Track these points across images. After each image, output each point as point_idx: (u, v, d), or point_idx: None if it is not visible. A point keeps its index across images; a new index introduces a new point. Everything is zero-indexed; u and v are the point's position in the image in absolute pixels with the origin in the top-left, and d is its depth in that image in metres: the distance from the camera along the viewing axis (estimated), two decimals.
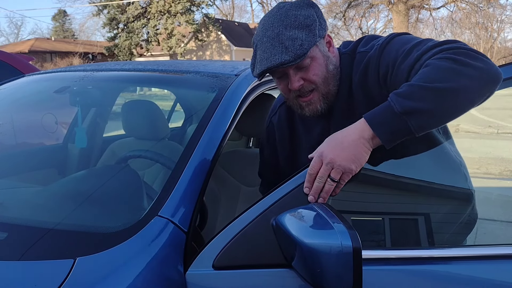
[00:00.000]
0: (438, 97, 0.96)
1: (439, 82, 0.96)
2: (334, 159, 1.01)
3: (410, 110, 0.96)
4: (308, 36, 1.14)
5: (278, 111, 1.46)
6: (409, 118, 0.97)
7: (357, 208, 1.30)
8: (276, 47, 1.14)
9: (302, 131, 1.37)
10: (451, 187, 1.42)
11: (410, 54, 1.10)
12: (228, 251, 1.04)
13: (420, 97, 0.96)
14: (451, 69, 0.97)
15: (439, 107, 0.97)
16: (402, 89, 1.00)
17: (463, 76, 0.97)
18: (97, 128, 2.22)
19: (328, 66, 1.22)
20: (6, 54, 4.39)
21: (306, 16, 1.16)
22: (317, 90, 1.21)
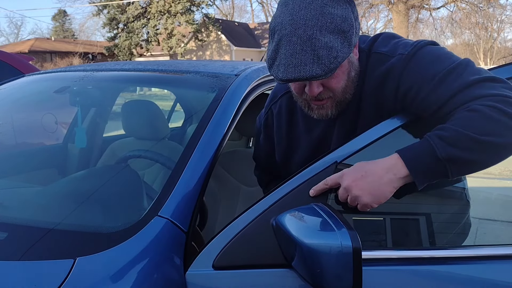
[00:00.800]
0: (485, 150, 0.94)
1: (488, 135, 0.93)
2: (352, 187, 0.98)
3: (454, 158, 0.94)
4: (343, 45, 1.02)
5: (279, 101, 1.37)
6: (450, 165, 0.95)
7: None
8: (307, 54, 1.00)
9: (302, 129, 1.31)
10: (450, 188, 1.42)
11: (445, 82, 1.02)
12: (228, 251, 1.04)
13: (466, 147, 0.94)
14: (501, 122, 0.94)
15: (484, 160, 0.96)
16: (446, 132, 0.96)
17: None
18: (97, 128, 2.22)
19: (350, 73, 1.12)
20: (6, 54, 4.39)
21: (344, 19, 1.03)
22: (333, 98, 1.13)
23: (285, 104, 1.35)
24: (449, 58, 1.08)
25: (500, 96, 0.97)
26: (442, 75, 1.04)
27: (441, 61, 1.07)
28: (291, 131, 1.35)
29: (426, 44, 1.12)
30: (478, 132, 0.94)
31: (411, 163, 0.97)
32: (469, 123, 0.95)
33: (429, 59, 1.08)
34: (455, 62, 1.06)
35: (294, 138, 1.35)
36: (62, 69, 2.07)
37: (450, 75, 1.03)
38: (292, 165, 1.33)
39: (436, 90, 1.03)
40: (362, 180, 0.98)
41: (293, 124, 1.34)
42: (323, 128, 1.26)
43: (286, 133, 1.36)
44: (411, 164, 0.97)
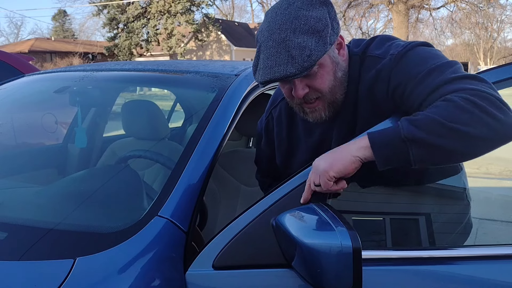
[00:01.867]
0: (451, 138, 0.92)
1: (458, 123, 0.92)
2: (318, 164, 1.02)
3: (416, 139, 0.93)
4: (318, 44, 1.05)
5: (279, 105, 1.39)
6: (412, 146, 0.93)
7: (357, 208, 1.30)
8: (281, 55, 1.04)
9: (302, 132, 1.32)
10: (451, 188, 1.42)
11: (428, 79, 1.03)
12: (228, 251, 1.04)
13: (432, 130, 0.92)
14: (472, 114, 0.92)
15: (449, 148, 0.93)
16: (416, 116, 0.96)
17: (484, 125, 0.92)
18: (97, 128, 2.22)
19: (336, 73, 1.13)
20: (6, 54, 4.39)
21: (318, 19, 1.06)
22: (322, 99, 1.14)
23: (284, 108, 1.36)
24: (436, 58, 1.08)
25: (477, 90, 0.96)
26: (425, 72, 1.05)
27: (428, 61, 1.07)
28: (291, 134, 1.36)
29: (417, 45, 1.13)
30: (446, 118, 0.93)
31: (373, 137, 0.98)
32: (439, 110, 0.95)
33: (418, 59, 1.09)
34: (441, 61, 1.07)
35: (294, 141, 1.36)
36: (62, 69, 2.07)
37: (434, 72, 1.04)
38: (292, 167, 1.33)
39: (419, 86, 1.04)
40: (328, 157, 1.02)
41: (293, 128, 1.36)
42: (322, 131, 1.26)
43: (286, 136, 1.37)
44: (374, 138, 0.98)
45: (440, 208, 1.42)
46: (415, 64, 1.08)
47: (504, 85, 1.18)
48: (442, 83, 1.01)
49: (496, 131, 0.93)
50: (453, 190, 1.43)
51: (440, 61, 1.07)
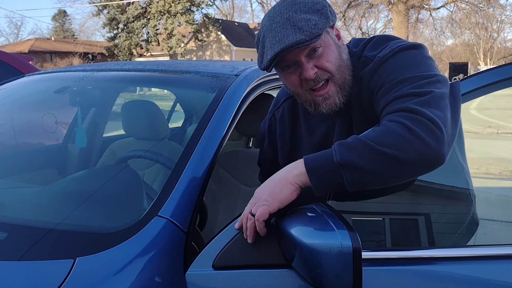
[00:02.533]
0: (380, 161, 0.93)
1: (387, 147, 0.93)
2: (256, 194, 1.02)
3: (349, 164, 0.94)
4: (321, 18, 1.08)
5: (281, 106, 1.39)
6: (345, 171, 0.94)
7: (357, 208, 1.30)
8: (288, 29, 1.06)
9: (305, 133, 1.32)
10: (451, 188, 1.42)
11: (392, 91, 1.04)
12: (228, 251, 1.04)
13: (362, 154, 0.93)
14: (404, 138, 0.93)
15: (378, 170, 0.94)
16: (349, 140, 0.97)
17: (413, 150, 0.92)
18: (97, 128, 2.22)
19: (341, 54, 1.15)
20: (6, 54, 4.39)
21: (315, 2, 1.11)
22: (333, 80, 1.13)
23: (287, 109, 1.37)
24: (417, 66, 1.07)
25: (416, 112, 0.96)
26: (396, 81, 1.05)
27: (406, 69, 1.07)
28: (294, 134, 1.36)
29: (406, 48, 1.12)
30: (377, 142, 0.93)
31: (308, 163, 0.98)
32: (373, 134, 0.96)
33: (398, 65, 1.09)
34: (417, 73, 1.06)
35: (297, 141, 1.36)
36: (62, 69, 2.07)
37: (401, 83, 1.04)
38: None
39: (384, 95, 1.06)
40: (265, 186, 1.02)
41: (295, 128, 1.36)
42: (324, 130, 1.26)
43: (289, 137, 1.37)
44: (309, 164, 0.98)
45: (442, 208, 1.42)
46: (394, 69, 1.08)
47: (504, 85, 1.18)
48: (393, 99, 1.02)
49: (423, 155, 0.93)
50: (455, 190, 1.43)
51: (415, 71, 1.06)
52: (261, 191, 1.02)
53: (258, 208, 0.99)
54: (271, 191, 1.00)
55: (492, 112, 10.12)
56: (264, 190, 1.01)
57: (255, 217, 0.99)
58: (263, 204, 0.99)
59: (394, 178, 0.97)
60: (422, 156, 0.93)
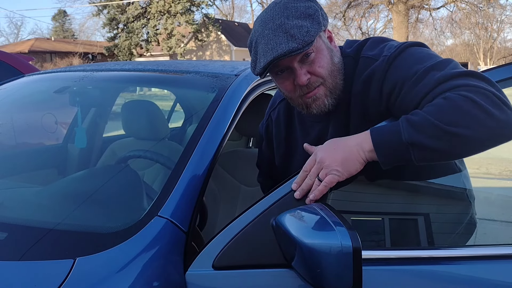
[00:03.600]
0: (449, 140, 0.93)
1: (455, 125, 0.92)
2: (325, 158, 1.01)
3: (417, 143, 0.94)
4: (312, 24, 1.08)
5: (277, 108, 1.40)
6: (414, 150, 0.95)
7: (357, 208, 1.30)
8: (280, 37, 1.06)
9: (299, 134, 1.33)
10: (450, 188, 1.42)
11: (425, 78, 1.03)
12: (228, 251, 1.04)
13: (431, 134, 0.93)
14: (471, 114, 0.92)
15: (448, 149, 0.95)
16: (416, 117, 0.96)
17: (481, 125, 0.92)
18: (97, 128, 2.22)
19: (333, 59, 1.15)
20: (6, 54, 4.39)
21: (307, 7, 1.10)
22: (324, 85, 1.14)
23: (283, 110, 1.38)
24: (431, 58, 1.08)
25: (478, 87, 0.96)
26: (423, 71, 1.04)
27: (423, 60, 1.07)
28: (289, 135, 1.37)
29: (410, 45, 1.13)
30: (445, 121, 0.93)
31: (377, 140, 0.99)
32: (439, 111, 0.95)
33: (412, 59, 1.09)
34: (437, 60, 1.07)
35: (292, 142, 1.37)
36: (62, 69, 2.07)
37: (432, 70, 1.04)
38: (291, 168, 1.34)
39: (418, 84, 1.04)
40: (334, 152, 1.02)
41: (291, 129, 1.37)
42: (318, 131, 1.27)
43: (284, 137, 1.38)
44: (377, 141, 0.99)
45: (440, 208, 1.42)
46: (411, 64, 1.08)
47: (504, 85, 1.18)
48: (442, 80, 1.00)
49: (493, 130, 0.93)
50: (453, 190, 1.43)
51: (436, 59, 1.07)
52: (331, 158, 1.01)
53: (327, 175, 1.00)
54: (342, 160, 1.00)
55: None
56: (335, 158, 1.01)
57: (324, 183, 1.00)
58: (334, 173, 1.00)
59: (464, 153, 0.98)
60: (491, 132, 0.93)
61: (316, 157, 1.04)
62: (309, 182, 1.03)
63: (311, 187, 1.03)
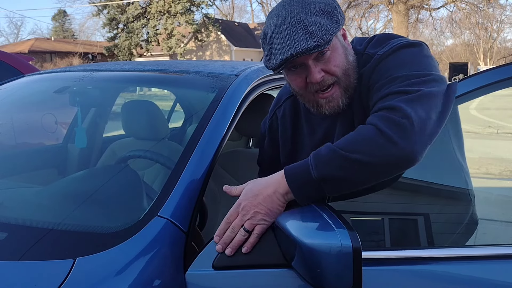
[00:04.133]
0: (353, 168, 0.96)
1: (357, 153, 0.95)
2: (249, 210, 1.03)
3: (325, 177, 0.98)
4: (331, 22, 1.07)
5: (283, 105, 1.39)
6: (324, 184, 0.98)
7: (357, 208, 1.30)
8: (298, 33, 1.05)
9: (306, 131, 1.33)
10: (450, 188, 1.42)
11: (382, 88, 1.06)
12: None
13: (336, 164, 0.97)
14: (374, 142, 0.96)
15: (353, 177, 0.97)
16: (324, 152, 1.00)
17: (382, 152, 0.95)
18: (97, 128, 2.22)
19: (348, 57, 1.15)
20: (6, 54, 4.39)
21: (326, 3, 1.09)
22: (338, 84, 1.14)
23: (289, 108, 1.37)
24: (413, 65, 1.08)
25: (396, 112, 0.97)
26: (389, 79, 1.07)
27: (402, 67, 1.08)
28: (295, 133, 1.36)
29: (406, 45, 1.12)
30: (349, 151, 0.96)
31: (291, 182, 1.02)
32: (345, 141, 0.99)
33: (395, 63, 1.10)
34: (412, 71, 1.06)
35: (298, 140, 1.36)
36: (62, 69, 2.07)
37: (394, 81, 1.05)
38: None
39: (377, 92, 1.07)
40: (257, 202, 1.03)
41: (297, 127, 1.36)
42: (325, 129, 1.27)
43: (291, 135, 1.37)
44: (291, 183, 1.02)
45: (441, 208, 1.41)
46: (387, 69, 1.10)
47: (504, 85, 1.18)
48: (382, 96, 1.04)
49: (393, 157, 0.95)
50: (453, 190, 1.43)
51: (411, 70, 1.06)
52: (255, 208, 1.03)
53: (254, 225, 1.02)
54: (267, 210, 1.03)
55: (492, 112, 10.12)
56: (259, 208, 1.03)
57: (255, 235, 1.02)
58: (263, 223, 1.02)
59: (372, 180, 1.00)
60: (392, 158, 0.95)
61: (239, 208, 1.05)
62: (231, 234, 1.04)
63: (232, 239, 1.03)
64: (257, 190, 1.05)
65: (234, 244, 1.03)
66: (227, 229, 1.04)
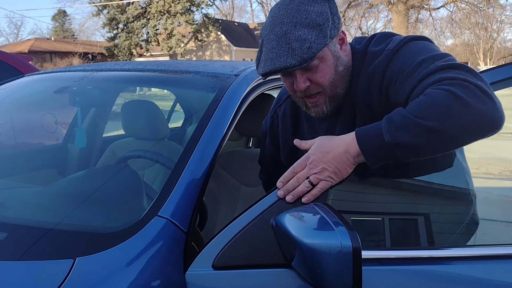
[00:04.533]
0: (429, 136, 0.94)
1: (434, 120, 0.93)
2: (318, 165, 1.02)
3: (399, 142, 0.95)
4: (318, 37, 1.08)
5: (284, 103, 1.41)
6: (397, 149, 0.96)
7: (357, 208, 1.30)
8: (282, 48, 1.08)
9: (307, 130, 1.34)
10: (450, 188, 1.42)
11: (416, 71, 1.04)
12: (228, 251, 1.03)
13: (411, 131, 0.94)
14: (450, 108, 0.92)
15: (429, 145, 0.95)
16: (396, 117, 0.97)
17: (461, 119, 0.92)
18: (97, 128, 2.22)
19: (337, 68, 1.15)
20: (6, 54, 4.39)
21: (319, 13, 1.09)
22: (324, 93, 1.16)
23: (289, 106, 1.38)
24: (429, 51, 1.09)
25: (461, 80, 0.96)
26: (414, 65, 1.06)
27: (420, 54, 1.08)
28: (296, 132, 1.37)
29: (412, 39, 1.14)
30: (424, 117, 0.94)
31: (362, 144, 1.00)
32: (418, 107, 0.96)
33: (410, 53, 1.10)
34: (431, 53, 1.07)
35: (299, 138, 1.36)
36: (62, 69, 2.07)
37: (423, 63, 1.05)
38: None
39: (408, 79, 1.05)
40: (326, 158, 1.02)
41: (298, 125, 1.37)
42: (326, 128, 1.27)
43: (291, 134, 1.38)
44: (363, 145, 1.00)
45: (441, 208, 1.42)
46: (408, 58, 1.09)
47: (504, 85, 1.18)
48: (426, 75, 1.02)
49: (473, 123, 0.93)
50: (454, 190, 1.43)
51: (431, 53, 1.07)
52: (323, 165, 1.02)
53: (319, 180, 1.02)
54: (335, 169, 1.02)
55: None
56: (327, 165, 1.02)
57: (318, 188, 1.02)
58: (329, 180, 1.02)
59: (446, 148, 0.99)
60: (472, 125, 0.93)
61: (307, 161, 1.04)
62: (295, 184, 1.04)
63: (296, 188, 1.04)
64: (328, 147, 1.03)
65: (296, 193, 1.03)
66: (292, 178, 1.04)
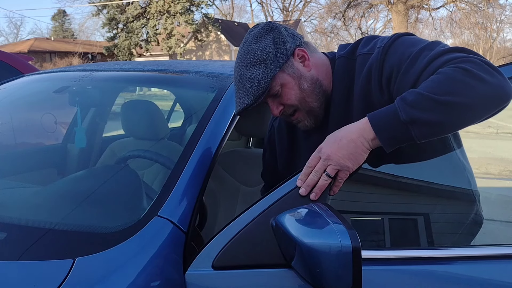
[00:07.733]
0: (445, 110, 0.94)
1: (449, 95, 0.94)
2: (331, 155, 1.01)
3: (415, 120, 0.95)
4: (264, 71, 1.14)
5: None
6: (413, 127, 0.95)
7: (357, 208, 1.30)
8: (240, 90, 1.17)
9: (302, 137, 1.35)
10: (451, 188, 1.42)
11: (419, 58, 1.06)
12: (227, 251, 1.04)
13: (427, 107, 0.94)
14: (463, 82, 0.94)
15: (445, 120, 0.95)
16: (410, 96, 0.97)
17: (475, 92, 0.94)
18: (96, 128, 2.22)
19: (301, 86, 1.19)
20: (5, 54, 4.39)
21: (263, 49, 1.16)
22: (299, 110, 1.22)
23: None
24: (422, 42, 1.12)
25: (467, 57, 0.99)
26: (415, 52, 1.08)
27: (415, 44, 1.11)
28: (292, 141, 1.40)
29: (402, 35, 1.17)
30: (439, 93, 0.94)
31: (377, 126, 0.99)
32: (432, 85, 0.97)
33: (405, 45, 1.13)
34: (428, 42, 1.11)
35: (295, 147, 1.39)
36: (62, 69, 2.07)
37: (424, 50, 1.07)
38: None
39: (413, 65, 1.06)
40: (339, 146, 1.02)
41: (293, 136, 1.39)
42: (320, 136, 1.27)
43: (287, 144, 1.41)
44: (377, 127, 0.99)
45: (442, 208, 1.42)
46: (404, 49, 1.11)
47: None
48: (432, 58, 1.03)
49: (489, 97, 0.95)
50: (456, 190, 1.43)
51: (426, 42, 1.11)
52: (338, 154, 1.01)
53: (336, 171, 1.02)
54: (350, 156, 1.01)
55: None
56: (342, 153, 1.01)
57: (339, 179, 1.03)
58: (346, 169, 1.01)
59: (463, 123, 0.99)
60: (486, 97, 0.95)
61: (320, 154, 1.04)
62: (315, 178, 1.03)
63: (316, 183, 1.03)
64: (340, 135, 1.03)
65: (318, 188, 1.03)
66: (310, 174, 1.04)
